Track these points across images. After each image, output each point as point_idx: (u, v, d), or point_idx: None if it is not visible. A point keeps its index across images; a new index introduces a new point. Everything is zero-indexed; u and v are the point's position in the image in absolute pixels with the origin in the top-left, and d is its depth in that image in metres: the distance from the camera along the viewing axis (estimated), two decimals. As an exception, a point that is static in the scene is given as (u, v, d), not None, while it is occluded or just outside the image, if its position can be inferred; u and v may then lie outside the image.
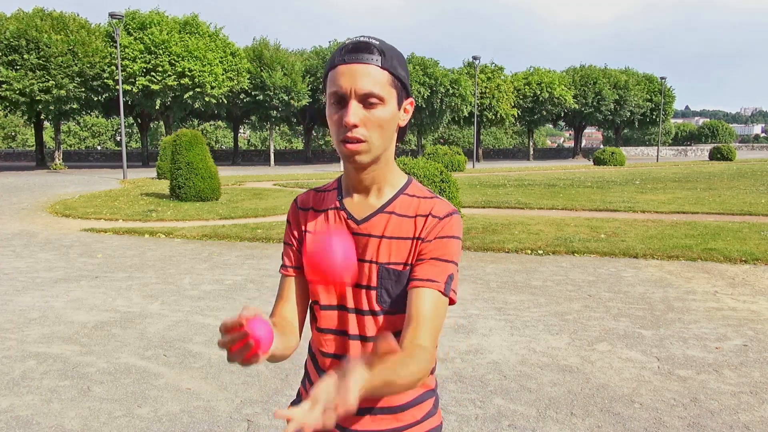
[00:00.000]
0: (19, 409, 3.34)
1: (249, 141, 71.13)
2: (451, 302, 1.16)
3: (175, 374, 3.83)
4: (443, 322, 1.19)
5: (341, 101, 1.12)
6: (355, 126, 1.11)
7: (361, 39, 1.13)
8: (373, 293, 1.20)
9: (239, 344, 0.92)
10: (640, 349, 4.26)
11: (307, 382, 1.34)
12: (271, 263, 7.29)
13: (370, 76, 1.10)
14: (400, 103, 1.17)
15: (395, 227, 1.20)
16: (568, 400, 3.41)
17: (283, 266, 1.32)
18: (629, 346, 4.31)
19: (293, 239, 1.30)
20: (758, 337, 4.51)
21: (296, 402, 1.36)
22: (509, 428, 3.09)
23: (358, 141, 1.12)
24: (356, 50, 1.11)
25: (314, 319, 1.29)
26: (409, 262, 1.18)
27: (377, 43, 1.13)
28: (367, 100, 1.11)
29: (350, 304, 1.21)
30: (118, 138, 63.29)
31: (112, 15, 23.97)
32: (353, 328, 1.21)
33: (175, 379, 3.75)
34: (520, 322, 4.88)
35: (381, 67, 1.11)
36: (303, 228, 1.29)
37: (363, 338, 1.21)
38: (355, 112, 1.10)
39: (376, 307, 1.20)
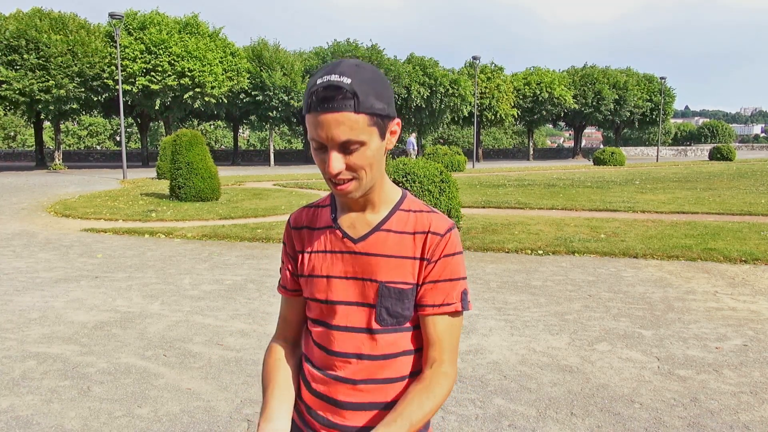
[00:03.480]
0: (19, 409, 3.34)
1: (249, 141, 71.11)
2: (467, 309, 1.23)
3: (175, 374, 3.83)
4: (460, 334, 1.26)
5: (322, 147, 1.10)
6: (339, 173, 1.10)
7: (331, 81, 1.04)
8: (373, 312, 1.19)
9: None
10: (640, 349, 4.26)
11: (297, 396, 1.33)
12: (271, 263, 7.30)
13: (345, 125, 1.05)
14: (383, 134, 1.13)
15: (394, 245, 1.20)
16: (568, 400, 3.41)
17: (281, 286, 1.34)
18: (629, 346, 4.31)
19: (289, 260, 1.31)
20: (758, 337, 4.52)
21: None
22: (509, 428, 3.09)
23: (345, 181, 1.12)
24: (327, 99, 1.04)
25: (309, 333, 1.30)
26: (414, 282, 1.19)
27: (348, 82, 1.04)
28: (347, 147, 1.08)
29: (349, 322, 1.21)
30: (117, 138, 63.28)
31: (112, 15, 23.96)
32: (348, 347, 1.21)
33: (175, 379, 3.75)
34: (520, 322, 4.88)
35: (356, 112, 1.05)
36: (299, 248, 1.28)
37: (358, 356, 1.21)
38: (336, 160, 1.08)
39: (375, 326, 1.20)
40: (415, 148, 27.34)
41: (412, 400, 1.14)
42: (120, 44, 29.20)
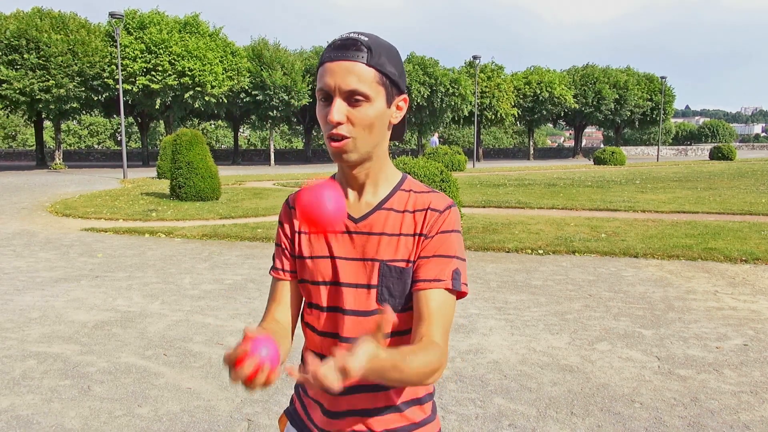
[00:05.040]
0: (20, 408, 3.34)
1: (249, 140, 71.10)
2: (463, 295, 1.17)
3: (175, 374, 3.83)
4: (453, 319, 1.19)
5: (327, 98, 1.11)
6: (339, 123, 1.10)
7: (350, 35, 1.11)
8: (374, 292, 1.17)
9: (252, 374, 0.89)
10: (640, 348, 4.26)
11: (300, 388, 1.31)
12: (271, 263, 7.29)
13: (354, 74, 1.08)
14: (389, 101, 1.14)
15: (395, 224, 1.18)
16: (568, 400, 3.41)
17: (275, 269, 1.29)
18: (629, 346, 4.31)
19: (285, 241, 1.28)
20: (758, 336, 4.51)
21: (290, 409, 1.33)
22: (509, 428, 3.09)
23: (343, 138, 1.11)
24: (343, 47, 1.09)
25: (308, 322, 1.26)
26: (412, 259, 1.17)
27: (365, 39, 1.10)
28: (352, 98, 1.09)
29: (348, 305, 1.18)
30: (117, 137, 63.28)
31: (112, 14, 23.96)
32: (350, 330, 1.18)
33: (175, 379, 3.75)
34: (520, 322, 4.88)
35: (367, 65, 1.09)
36: (296, 228, 1.27)
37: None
38: (339, 109, 1.09)
39: (376, 307, 1.17)
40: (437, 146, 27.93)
41: (406, 347, 1.06)
42: (120, 44, 29.18)
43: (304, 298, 1.28)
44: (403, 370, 0.99)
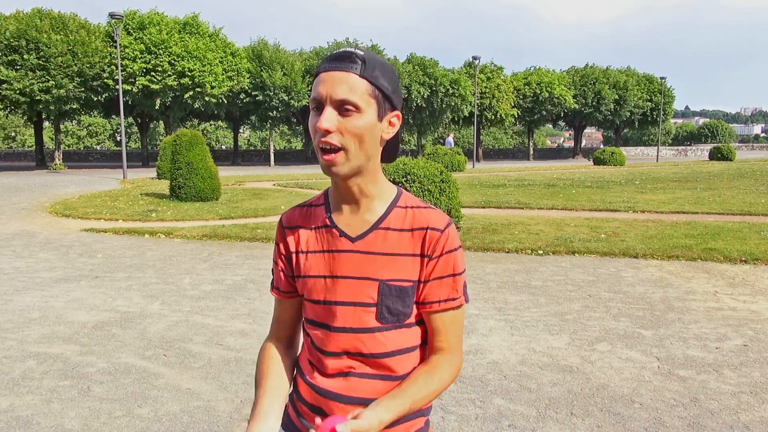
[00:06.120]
0: (19, 409, 3.34)
1: (249, 141, 71.08)
2: (468, 301, 1.26)
3: (175, 374, 3.83)
4: (464, 323, 1.29)
5: (319, 107, 1.12)
6: (328, 131, 1.10)
7: (346, 49, 1.13)
8: (373, 310, 1.19)
9: None
10: (640, 349, 4.26)
11: (296, 397, 1.31)
12: (271, 263, 7.29)
13: (346, 84, 1.09)
14: (381, 115, 1.14)
15: (394, 243, 1.19)
16: (568, 400, 3.41)
17: (274, 287, 1.32)
18: (629, 346, 4.31)
19: (282, 261, 1.29)
20: (758, 337, 4.52)
21: (283, 420, 1.33)
22: (509, 428, 3.09)
23: (333, 149, 1.11)
24: (337, 59, 1.11)
25: (308, 336, 1.28)
26: (416, 279, 1.19)
27: (361, 53, 1.12)
28: (342, 107, 1.10)
29: (346, 323, 1.19)
30: (117, 138, 63.27)
31: (111, 15, 23.97)
32: (348, 347, 1.20)
33: (175, 379, 3.75)
34: (520, 322, 4.89)
35: (360, 76, 1.10)
36: (293, 248, 1.27)
37: (360, 356, 1.20)
38: (329, 117, 1.09)
39: (376, 324, 1.19)
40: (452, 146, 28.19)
41: (416, 380, 1.18)
42: (120, 44, 29.18)
43: (303, 315, 1.31)
44: (419, 402, 1.16)
